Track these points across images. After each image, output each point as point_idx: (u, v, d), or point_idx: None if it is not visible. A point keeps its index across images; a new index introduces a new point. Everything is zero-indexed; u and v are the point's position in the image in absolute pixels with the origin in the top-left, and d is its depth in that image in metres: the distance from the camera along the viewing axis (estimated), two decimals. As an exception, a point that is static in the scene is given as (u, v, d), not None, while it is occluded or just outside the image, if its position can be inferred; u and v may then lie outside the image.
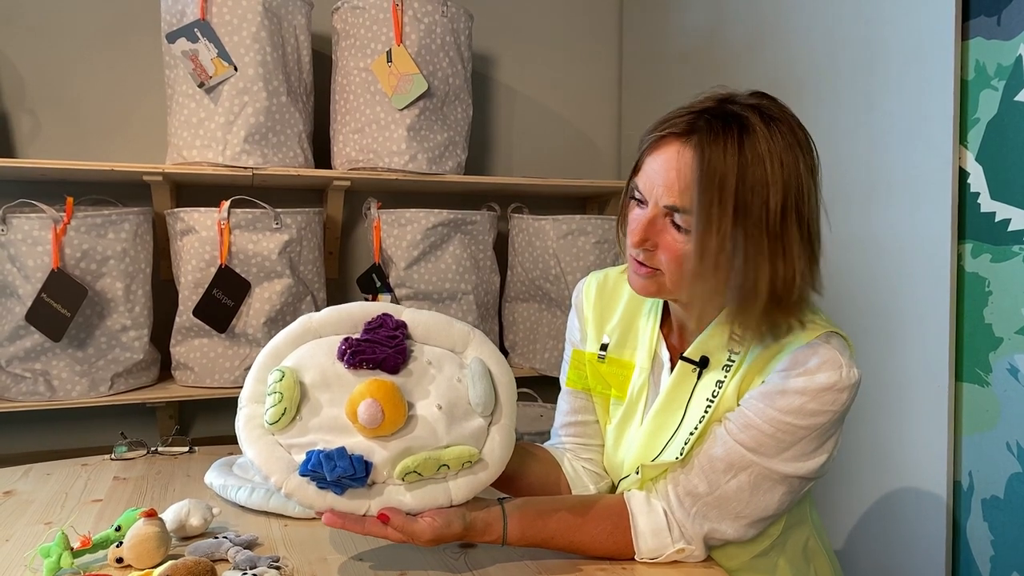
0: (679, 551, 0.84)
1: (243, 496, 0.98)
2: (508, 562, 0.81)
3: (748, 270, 0.77)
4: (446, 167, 1.92)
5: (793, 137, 0.80)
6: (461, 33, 1.94)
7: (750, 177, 0.76)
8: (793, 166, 0.78)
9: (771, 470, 0.81)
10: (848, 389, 0.81)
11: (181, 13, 1.71)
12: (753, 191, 0.76)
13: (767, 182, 0.76)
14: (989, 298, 1.28)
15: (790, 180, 0.77)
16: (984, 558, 1.29)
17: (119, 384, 1.69)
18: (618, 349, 0.98)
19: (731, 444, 0.83)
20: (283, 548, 0.84)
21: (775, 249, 0.77)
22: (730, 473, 0.82)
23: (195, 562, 0.68)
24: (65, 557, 0.75)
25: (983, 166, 1.28)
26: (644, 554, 0.85)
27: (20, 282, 1.57)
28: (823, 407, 0.80)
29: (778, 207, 0.77)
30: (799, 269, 0.79)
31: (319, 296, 1.87)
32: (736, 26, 1.86)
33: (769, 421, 0.81)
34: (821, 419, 0.80)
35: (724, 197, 0.76)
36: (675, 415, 0.90)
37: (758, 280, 0.78)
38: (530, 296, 2.05)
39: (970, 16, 1.30)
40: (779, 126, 0.79)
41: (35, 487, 1.07)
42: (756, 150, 0.77)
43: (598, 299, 1.02)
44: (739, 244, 0.77)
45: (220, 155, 1.72)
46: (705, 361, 0.89)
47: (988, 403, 1.28)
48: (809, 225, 0.80)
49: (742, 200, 0.76)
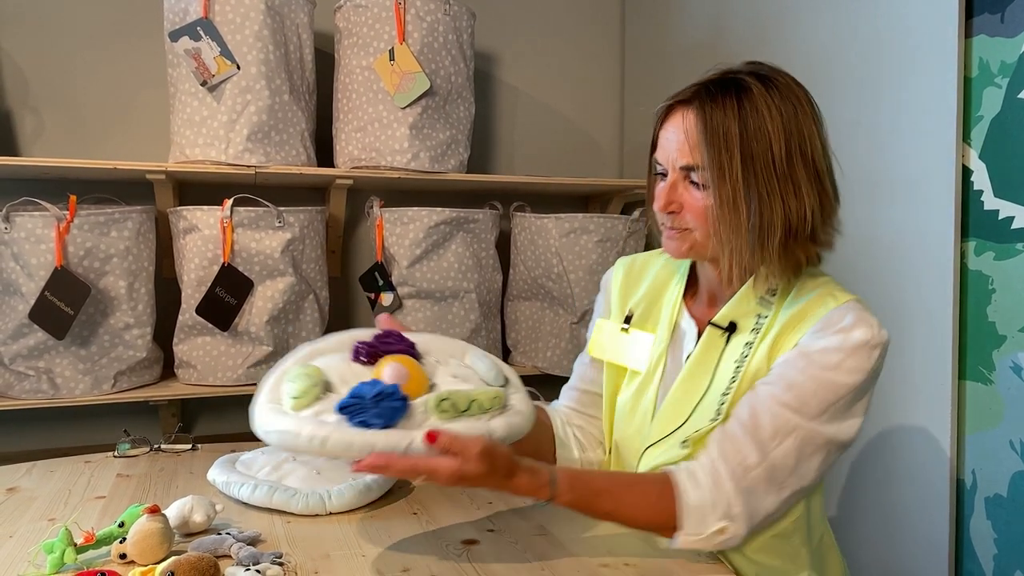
0: (720, 530, 0.82)
1: (246, 493, 0.98)
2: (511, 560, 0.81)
3: (763, 209, 0.84)
4: (448, 165, 1.92)
5: (789, 91, 0.87)
6: (463, 31, 1.94)
7: (752, 126, 0.84)
8: (792, 114, 0.85)
9: (815, 432, 0.83)
10: (880, 347, 0.85)
11: (184, 12, 1.71)
12: (756, 139, 0.83)
13: (768, 129, 0.84)
14: (992, 296, 1.28)
15: (791, 126, 0.84)
16: (987, 557, 1.29)
17: (122, 382, 1.69)
18: (640, 322, 1.02)
19: (776, 408, 0.84)
20: (286, 545, 0.85)
21: (786, 188, 0.84)
22: (777, 439, 0.83)
23: (198, 558, 0.68)
24: (69, 553, 0.75)
25: (986, 164, 1.28)
26: (687, 530, 0.82)
27: (23, 280, 1.57)
28: (860, 364, 0.83)
29: (782, 150, 0.84)
30: (810, 204, 0.85)
31: (321, 295, 1.87)
32: (738, 24, 1.86)
33: (811, 378, 0.83)
34: (858, 377, 0.83)
35: (730, 147, 0.83)
36: (702, 380, 0.93)
37: (773, 216, 0.84)
38: (532, 295, 2.05)
39: (974, 13, 1.30)
40: (775, 83, 0.87)
41: (39, 484, 1.07)
42: (754, 103, 0.85)
43: (625, 277, 1.08)
44: (752, 187, 0.83)
45: (223, 153, 1.72)
46: (733, 326, 0.92)
47: (991, 401, 1.28)
48: (815, 164, 0.86)
49: (747, 148, 0.83)
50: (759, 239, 0.85)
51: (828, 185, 0.88)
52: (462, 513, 0.95)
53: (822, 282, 0.93)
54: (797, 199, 0.85)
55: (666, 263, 1.06)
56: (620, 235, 1.99)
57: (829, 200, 0.88)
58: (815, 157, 0.86)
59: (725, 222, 0.85)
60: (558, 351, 1.99)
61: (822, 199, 0.87)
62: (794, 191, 0.85)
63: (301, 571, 0.77)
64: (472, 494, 1.03)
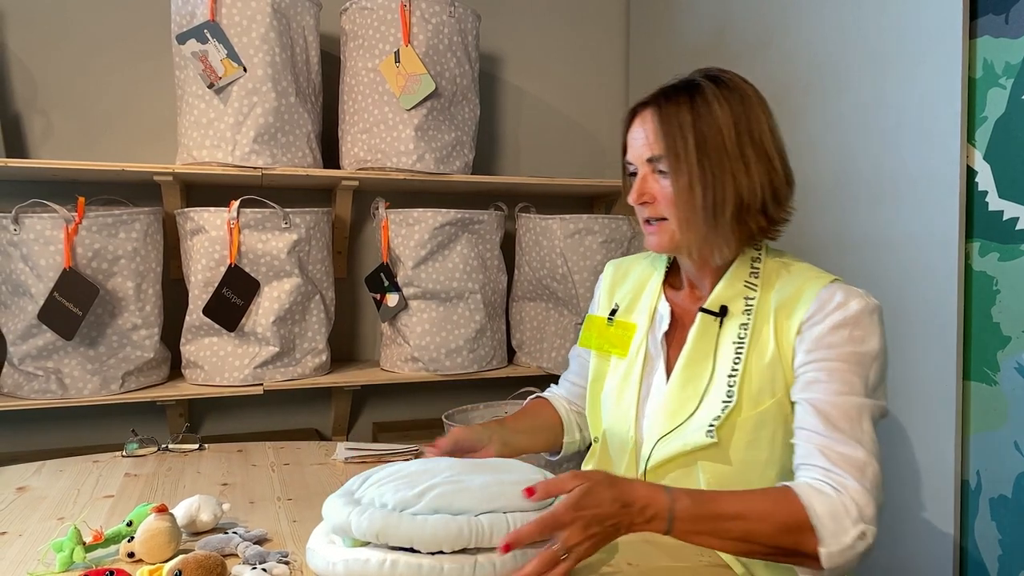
0: (861, 535, 0.79)
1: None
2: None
3: (716, 185, 0.93)
4: (454, 167, 1.93)
5: (738, 87, 0.96)
6: (469, 33, 1.95)
7: (703, 116, 0.94)
8: (739, 104, 0.95)
9: (875, 405, 0.88)
10: (877, 311, 0.91)
11: (191, 14, 1.72)
12: (707, 125, 0.93)
13: (717, 116, 0.94)
14: (997, 297, 1.28)
15: (739, 113, 0.94)
16: (992, 557, 1.29)
17: (130, 382, 1.70)
18: (625, 314, 1.10)
19: (836, 400, 0.87)
20: (292, 544, 0.85)
21: (736, 167, 0.93)
22: (858, 426, 0.85)
23: (206, 556, 0.68)
24: (78, 551, 0.76)
25: (991, 164, 1.28)
26: (827, 542, 0.79)
27: (32, 281, 1.58)
28: (867, 331, 0.89)
29: (731, 133, 0.93)
30: (759, 181, 0.94)
31: (327, 295, 1.88)
32: (743, 26, 1.86)
33: (841, 361, 0.88)
34: (873, 343, 0.89)
35: (684, 134, 0.94)
36: (704, 365, 0.97)
37: (725, 191, 0.93)
38: (537, 295, 2.05)
39: (978, 14, 1.29)
40: (724, 81, 0.97)
41: (48, 483, 1.08)
42: (705, 97, 0.95)
43: (613, 275, 1.18)
44: (706, 167, 0.93)
45: (229, 155, 1.73)
46: (724, 310, 0.98)
47: (996, 402, 1.28)
48: (764, 146, 0.95)
49: (699, 133, 0.93)
50: (712, 213, 0.93)
51: (778, 165, 0.96)
52: (466, 513, 0.96)
53: (803, 267, 0.99)
54: (748, 176, 0.93)
55: (651, 262, 1.14)
56: (624, 236, 2.00)
57: (779, 177, 0.96)
58: (763, 140, 0.95)
59: (683, 201, 0.94)
60: (563, 351, 1.99)
61: (771, 177, 0.95)
62: (744, 169, 0.93)
63: (307, 570, 0.78)
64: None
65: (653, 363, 1.03)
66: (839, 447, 0.84)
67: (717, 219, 0.94)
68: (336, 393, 2.00)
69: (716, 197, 0.93)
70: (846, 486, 0.82)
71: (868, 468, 0.83)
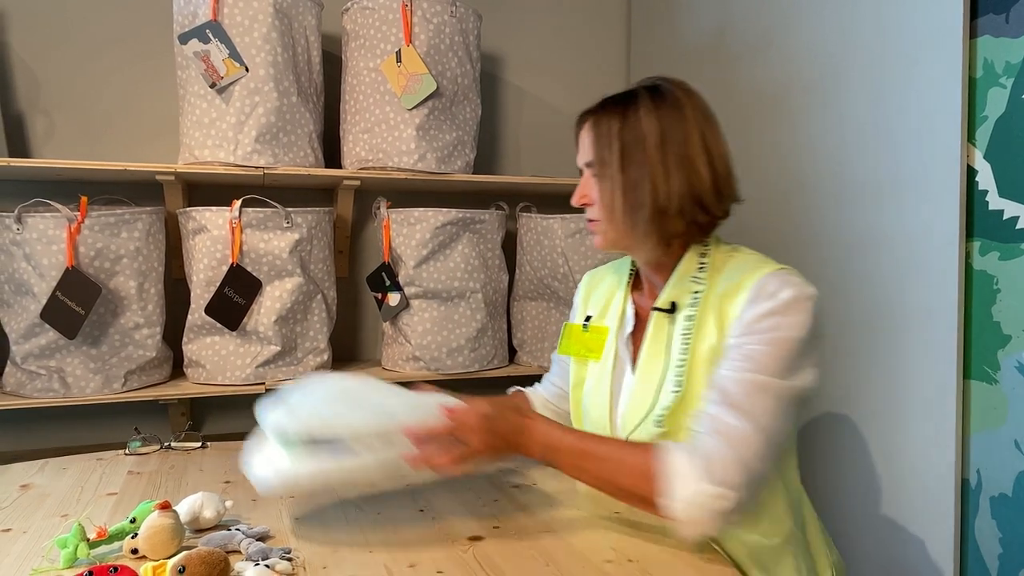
0: (718, 496, 0.84)
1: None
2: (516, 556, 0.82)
3: (636, 190, 1.00)
4: (455, 166, 1.93)
5: (672, 99, 1.02)
6: (470, 33, 1.95)
7: (631, 125, 1.00)
8: (669, 114, 1.00)
9: (782, 387, 0.90)
10: (810, 299, 0.94)
11: (193, 14, 1.73)
12: (633, 134, 1.00)
13: (644, 126, 1.00)
14: (997, 296, 1.28)
15: (666, 123, 1.00)
16: (992, 556, 1.29)
17: (132, 381, 1.71)
18: (599, 319, 1.16)
19: (740, 377, 0.90)
20: (294, 540, 0.86)
21: (655, 173, 0.99)
22: (751, 400, 0.89)
23: (209, 552, 0.69)
24: (82, 548, 0.77)
25: (991, 164, 1.28)
26: (667, 493, 0.85)
27: (35, 280, 1.59)
28: (794, 318, 0.92)
29: (656, 142, 0.99)
30: (674, 188, 0.99)
31: (329, 295, 1.89)
32: (743, 26, 1.86)
33: (760, 343, 0.91)
34: (796, 330, 0.92)
35: (612, 142, 1.01)
36: (659, 361, 1.02)
37: (642, 195, 0.99)
38: (538, 295, 2.06)
39: (978, 14, 1.30)
40: (662, 93, 1.02)
41: (51, 481, 1.09)
42: (637, 111, 1.01)
43: (588, 285, 1.25)
44: (628, 173, 1.00)
45: (231, 155, 1.73)
46: (674, 306, 1.03)
47: (996, 401, 1.28)
48: (688, 154, 1.00)
49: (624, 142, 1.00)
50: (631, 216, 1.01)
51: (703, 172, 1.00)
52: (467, 510, 0.96)
53: (749, 258, 1.03)
54: (667, 183, 0.99)
55: (619, 267, 1.21)
56: (626, 235, 2.00)
57: (703, 184, 1.00)
58: (689, 149, 0.99)
59: (606, 203, 1.02)
60: (564, 351, 1.99)
61: (692, 183, 0.99)
62: (664, 176, 0.99)
63: (309, 566, 0.78)
64: (477, 491, 1.04)
65: (623, 364, 1.09)
66: (725, 417, 0.88)
67: (635, 221, 1.00)
68: (338, 392, 2.00)
69: (634, 201, 1.00)
70: (710, 449, 0.86)
71: (748, 439, 0.86)
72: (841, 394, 1.56)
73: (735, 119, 1.89)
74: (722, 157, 1.02)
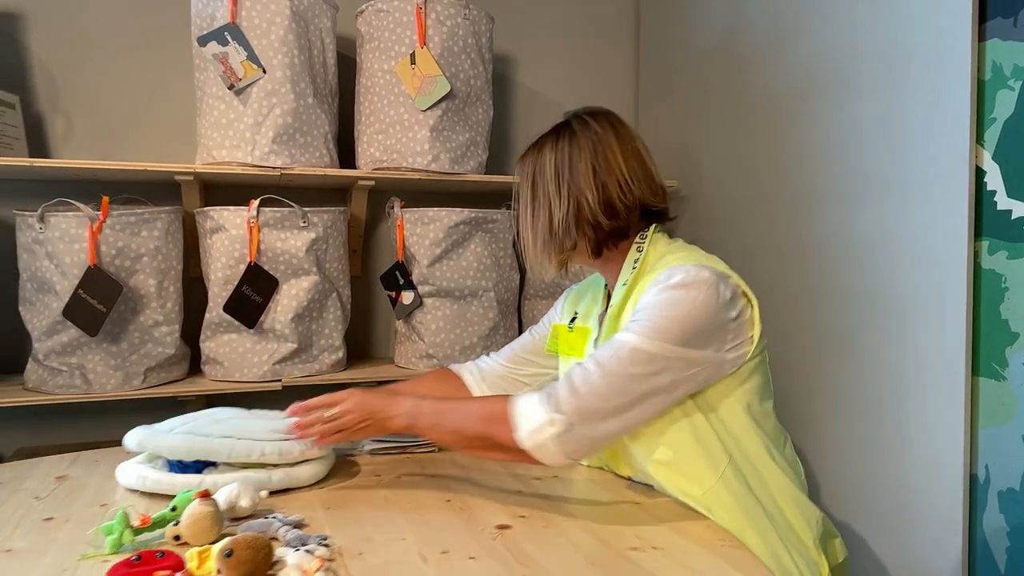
0: (550, 421, 0.96)
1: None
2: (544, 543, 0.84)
3: (535, 215, 1.17)
4: (468, 167, 1.96)
5: (572, 135, 1.15)
6: (482, 35, 1.98)
7: (537, 161, 1.17)
8: (565, 149, 1.15)
9: (641, 345, 0.98)
10: (696, 284, 1.00)
11: (211, 17, 1.75)
12: (538, 170, 1.17)
13: (546, 162, 1.16)
14: (1005, 294, 1.30)
15: (561, 158, 1.14)
16: (1000, 549, 1.32)
17: (151, 378, 1.73)
18: (582, 320, 1.25)
19: (612, 341, 1.01)
20: (328, 529, 0.88)
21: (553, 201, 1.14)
22: (607, 354, 1.00)
23: (254, 537, 0.71)
24: (127, 534, 0.79)
25: (999, 164, 1.31)
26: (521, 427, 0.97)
27: (57, 278, 1.62)
28: (675, 298, 1.00)
29: (552, 174, 1.14)
30: (565, 212, 1.12)
31: (344, 293, 1.91)
32: (754, 27, 1.88)
33: (640, 309, 1.02)
34: (679, 309, 0.99)
35: (524, 177, 1.19)
36: None
37: (538, 220, 1.16)
38: (549, 294, 2.08)
39: (987, 18, 1.32)
40: (570, 129, 1.17)
41: (85, 472, 1.11)
42: (543, 148, 1.17)
43: (576, 293, 1.36)
44: (532, 202, 1.17)
45: (249, 155, 1.76)
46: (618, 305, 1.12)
47: (1004, 397, 1.31)
48: (576, 183, 1.13)
49: (532, 176, 1.17)
50: (533, 237, 1.17)
51: (590, 198, 1.12)
52: (493, 500, 0.99)
53: (683, 254, 1.10)
54: (560, 208, 1.13)
55: (598, 276, 1.30)
56: (636, 235, 2.03)
57: (589, 208, 1.12)
58: (577, 178, 1.13)
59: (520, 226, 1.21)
60: (575, 349, 2.02)
61: (580, 208, 1.12)
62: (558, 202, 1.13)
63: (346, 552, 0.81)
64: (501, 483, 1.07)
65: None
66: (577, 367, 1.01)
67: (536, 241, 1.17)
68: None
69: (535, 225, 1.16)
70: (553, 388, 0.99)
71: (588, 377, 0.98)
72: (852, 390, 1.58)
73: (745, 121, 1.91)
74: (617, 181, 1.13)
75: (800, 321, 1.72)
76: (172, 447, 0.97)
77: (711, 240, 2.05)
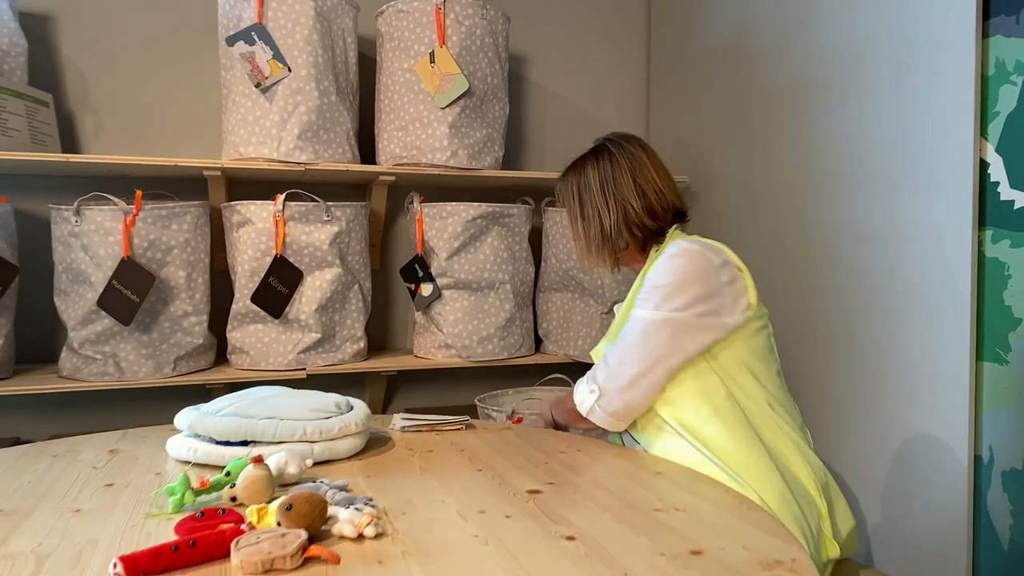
0: (591, 391, 1.23)
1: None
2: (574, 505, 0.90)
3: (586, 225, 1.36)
4: (485, 163, 2.02)
5: (610, 156, 1.35)
6: (499, 34, 2.03)
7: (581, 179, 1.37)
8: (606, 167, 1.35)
9: (650, 316, 1.18)
10: (686, 253, 1.19)
11: (238, 18, 1.81)
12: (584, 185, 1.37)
13: (591, 178, 1.36)
14: (1008, 281, 1.35)
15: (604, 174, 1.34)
16: (1004, 527, 1.36)
17: (181, 366, 1.79)
18: (619, 307, 1.41)
19: (631, 314, 1.22)
20: (371, 493, 0.94)
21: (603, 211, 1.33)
22: (627, 328, 1.21)
23: (311, 493, 0.77)
24: (188, 495, 0.85)
25: (1003, 157, 1.35)
26: (579, 403, 1.25)
27: (92, 270, 1.67)
28: (671, 268, 1.18)
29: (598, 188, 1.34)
30: (615, 219, 1.32)
31: (365, 285, 1.97)
32: (762, 26, 1.93)
33: (644, 286, 1.21)
34: (672, 276, 1.18)
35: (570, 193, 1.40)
36: None
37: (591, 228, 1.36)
38: (563, 286, 2.14)
39: (990, 15, 1.37)
40: (607, 151, 1.36)
41: (135, 447, 1.17)
42: (585, 167, 1.38)
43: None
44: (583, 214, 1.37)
45: (275, 151, 1.82)
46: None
47: (1007, 381, 1.35)
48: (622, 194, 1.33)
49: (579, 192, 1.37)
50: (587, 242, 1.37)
51: (635, 205, 1.32)
52: (521, 470, 1.04)
53: (682, 237, 1.28)
54: (610, 216, 1.32)
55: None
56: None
57: (635, 214, 1.32)
58: (622, 191, 1.33)
59: (575, 235, 1.40)
60: (588, 340, 2.07)
61: (627, 214, 1.32)
62: (607, 212, 1.33)
63: (391, 512, 0.86)
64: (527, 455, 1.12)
65: None
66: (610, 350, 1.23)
67: (590, 246, 1.36)
68: (372, 378, 2.09)
69: (588, 232, 1.36)
70: (593, 369, 1.26)
71: (616, 354, 1.20)
72: (859, 376, 1.62)
73: (754, 117, 1.96)
74: (654, 189, 1.33)
75: (808, 309, 1.77)
76: (221, 429, 1.03)
77: (720, 233, 2.10)
